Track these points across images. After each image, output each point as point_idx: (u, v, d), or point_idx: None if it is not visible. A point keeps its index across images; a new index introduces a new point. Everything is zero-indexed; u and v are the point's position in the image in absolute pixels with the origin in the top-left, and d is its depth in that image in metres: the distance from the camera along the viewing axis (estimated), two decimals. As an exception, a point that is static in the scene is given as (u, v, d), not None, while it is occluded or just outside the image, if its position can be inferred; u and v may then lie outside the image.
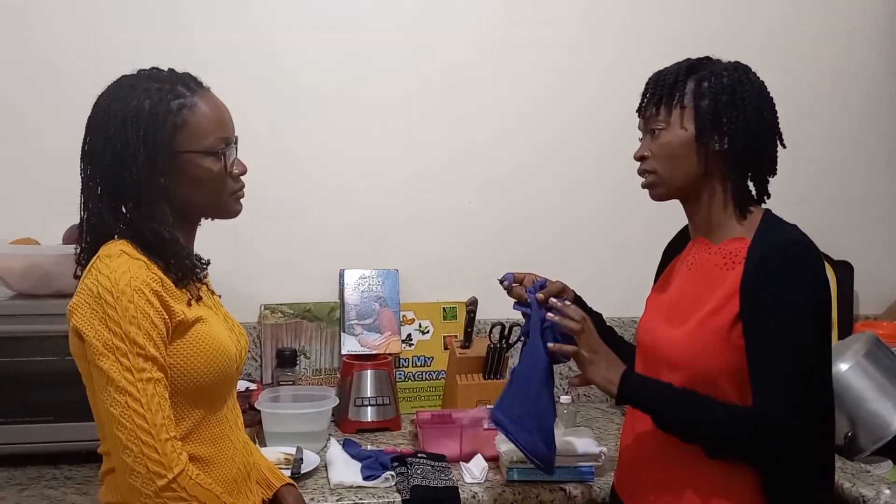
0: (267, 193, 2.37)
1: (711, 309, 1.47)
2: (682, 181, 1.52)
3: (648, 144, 1.54)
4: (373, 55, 2.48)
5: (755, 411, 1.39)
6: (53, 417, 1.92)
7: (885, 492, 1.77)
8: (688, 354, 1.48)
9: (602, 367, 1.50)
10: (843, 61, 2.74)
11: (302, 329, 2.45)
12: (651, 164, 1.54)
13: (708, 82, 1.49)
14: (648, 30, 2.59)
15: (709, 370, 1.45)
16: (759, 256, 1.42)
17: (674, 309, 1.57)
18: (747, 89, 1.49)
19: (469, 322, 2.38)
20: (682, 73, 1.51)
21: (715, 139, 1.48)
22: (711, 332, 1.45)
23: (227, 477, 1.38)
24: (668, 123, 1.50)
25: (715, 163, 1.49)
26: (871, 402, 1.98)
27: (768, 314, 1.40)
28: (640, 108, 1.57)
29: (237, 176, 1.42)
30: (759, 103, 1.49)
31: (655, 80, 1.55)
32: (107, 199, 1.34)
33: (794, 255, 1.43)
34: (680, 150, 1.50)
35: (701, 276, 1.54)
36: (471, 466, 1.94)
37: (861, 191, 2.79)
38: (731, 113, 1.47)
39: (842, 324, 2.61)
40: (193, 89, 1.37)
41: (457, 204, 2.56)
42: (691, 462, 1.49)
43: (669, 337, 1.53)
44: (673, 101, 1.50)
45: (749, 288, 1.42)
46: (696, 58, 1.55)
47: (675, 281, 1.61)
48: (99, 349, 1.24)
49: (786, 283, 1.40)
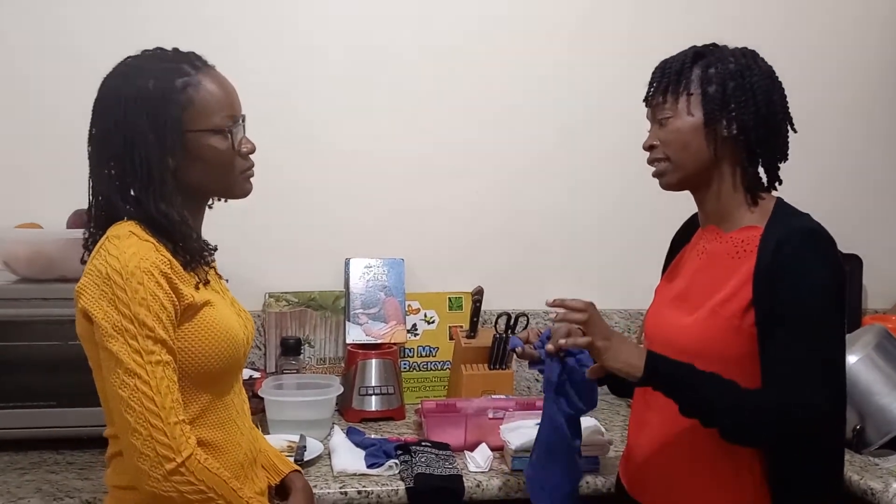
0: (273, 182, 2.33)
1: (724, 296, 1.45)
2: (692, 168, 1.50)
3: (657, 133, 1.53)
4: (382, 44, 2.46)
5: (794, 399, 1.35)
6: (56, 402, 1.91)
7: (894, 485, 1.75)
8: (700, 341, 1.46)
9: (621, 352, 1.43)
10: (856, 52, 2.72)
11: (307, 318, 2.44)
12: (661, 152, 1.52)
13: (715, 68, 1.48)
14: (658, 21, 2.57)
15: (720, 357, 1.43)
16: (774, 244, 1.41)
17: (684, 297, 1.55)
18: (755, 74, 1.47)
19: (474, 312, 2.37)
20: (688, 60, 1.50)
21: (724, 124, 1.46)
22: (725, 319, 1.44)
23: (234, 462, 1.37)
24: (676, 111, 1.49)
25: (725, 148, 1.48)
26: (880, 395, 1.97)
27: (790, 301, 1.38)
28: (647, 98, 1.55)
29: (246, 154, 1.40)
30: (768, 87, 1.48)
31: (662, 68, 1.54)
32: (115, 182, 1.32)
33: (811, 241, 1.41)
34: (689, 137, 1.48)
35: (712, 264, 1.52)
36: (475, 455, 1.93)
37: (871, 184, 2.77)
38: (740, 97, 1.46)
39: (850, 318, 2.58)
40: (198, 67, 1.36)
41: (464, 194, 2.54)
42: (700, 455, 1.48)
43: (680, 324, 1.52)
44: (679, 89, 1.49)
45: (763, 276, 1.41)
46: (702, 45, 1.53)
47: (685, 270, 1.60)
48: (108, 331, 1.23)
49: (806, 269, 1.39)
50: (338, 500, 1.77)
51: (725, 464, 1.46)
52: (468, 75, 2.52)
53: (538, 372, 1.65)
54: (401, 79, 2.48)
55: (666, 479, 1.54)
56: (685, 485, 1.51)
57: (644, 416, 1.59)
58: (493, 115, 2.54)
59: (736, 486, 1.46)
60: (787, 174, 1.55)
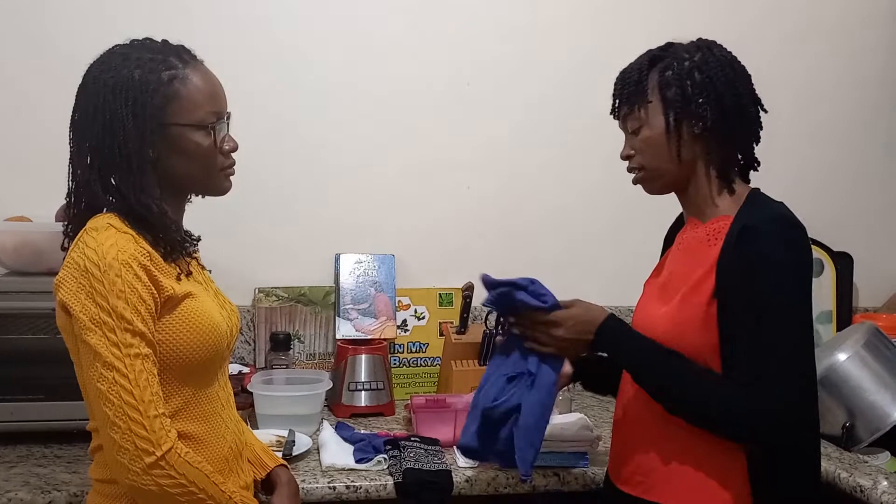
0: (263, 176, 2.36)
1: (693, 285, 1.46)
2: (670, 172, 1.52)
3: (631, 142, 1.55)
4: (373, 39, 2.46)
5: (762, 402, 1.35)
6: (44, 395, 1.90)
7: (883, 482, 1.75)
8: (673, 330, 1.47)
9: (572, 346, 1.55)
10: (850, 52, 2.72)
11: (296, 313, 2.43)
12: (637, 161, 1.54)
13: (671, 70, 1.48)
14: (643, 23, 2.55)
15: (693, 345, 1.44)
16: (738, 232, 1.41)
17: (664, 288, 1.57)
18: (713, 67, 1.47)
19: (465, 308, 2.36)
20: (644, 66, 1.51)
21: (691, 123, 1.47)
22: (694, 307, 1.45)
23: (217, 455, 1.36)
24: (643, 119, 1.50)
25: (696, 146, 1.49)
26: (870, 392, 1.97)
27: (754, 288, 1.37)
28: (613, 111, 1.57)
29: (227, 152, 1.39)
30: (728, 77, 1.47)
31: (621, 79, 1.55)
32: (96, 170, 1.31)
33: (776, 227, 1.40)
34: (659, 144, 1.50)
35: (688, 253, 1.54)
36: (464, 451, 1.92)
37: (863, 182, 2.76)
38: (702, 94, 1.45)
39: (841, 316, 2.59)
40: (186, 61, 1.36)
41: (454, 190, 2.54)
42: (682, 446, 1.48)
43: (657, 314, 1.53)
44: (640, 98, 1.50)
45: (726, 264, 1.41)
46: (656, 49, 1.53)
47: (667, 261, 1.62)
48: (86, 324, 1.22)
49: (768, 255, 1.38)
50: (326, 494, 1.76)
51: (708, 453, 1.45)
52: (459, 71, 2.51)
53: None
54: (392, 75, 2.48)
55: (648, 470, 1.53)
56: (667, 474, 1.50)
57: (628, 408, 1.60)
58: (485, 112, 2.54)
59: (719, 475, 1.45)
60: (779, 172, 1.55)
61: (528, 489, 1.84)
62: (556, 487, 1.85)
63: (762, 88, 1.52)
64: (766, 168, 1.56)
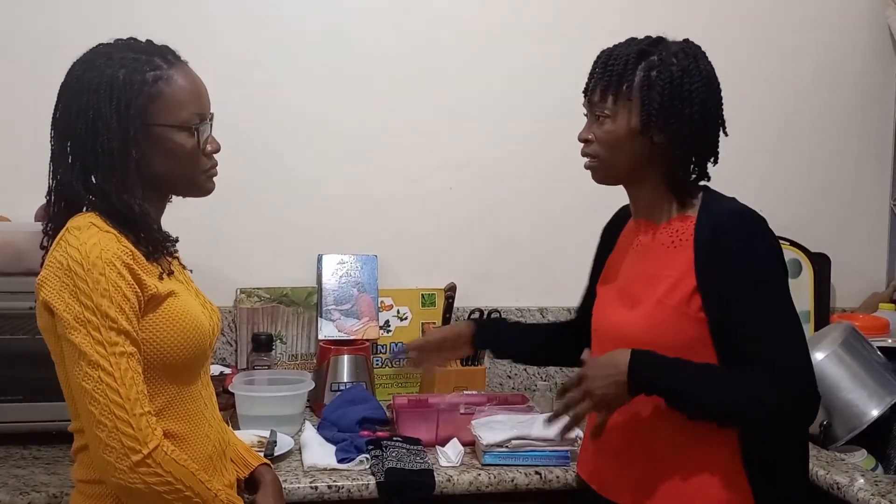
0: (245, 177, 2.35)
1: (668, 286, 1.48)
2: (623, 168, 1.53)
3: (592, 128, 1.54)
4: (355, 37, 2.46)
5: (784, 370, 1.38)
6: (23, 397, 1.89)
7: (859, 480, 1.77)
8: (649, 332, 1.48)
9: (607, 393, 1.45)
10: (828, 55, 2.75)
11: (279, 314, 2.42)
12: (594, 149, 1.54)
13: (657, 71, 1.46)
14: (637, 18, 2.58)
15: (670, 344, 1.45)
16: (709, 230, 1.44)
17: (625, 292, 1.57)
18: (695, 80, 1.47)
19: (447, 308, 2.37)
20: (631, 59, 1.48)
21: (657, 131, 1.47)
22: (672, 308, 1.46)
23: (202, 454, 1.36)
24: (614, 112, 1.49)
25: (657, 153, 1.49)
26: (847, 391, 1.99)
27: (740, 282, 1.41)
28: (587, 90, 1.55)
29: (210, 153, 1.40)
30: (704, 96, 1.47)
31: (605, 62, 1.51)
32: (77, 168, 1.31)
33: (745, 222, 1.45)
34: (622, 141, 1.50)
35: (649, 256, 1.55)
36: (446, 450, 1.93)
37: (840, 184, 2.79)
38: (676, 106, 1.45)
39: (818, 316, 2.61)
40: (171, 62, 1.36)
41: (438, 191, 2.54)
42: (675, 450, 1.49)
43: (626, 320, 1.53)
44: (620, 91, 1.48)
45: (704, 262, 1.44)
46: (646, 40, 1.51)
47: (623, 265, 1.62)
48: (70, 323, 1.22)
49: (746, 249, 1.42)
50: (308, 494, 1.76)
51: (696, 454, 1.47)
52: (442, 71, 2.52)
53: None
54: (374, 75, 2.48)
55: (636, 478, 1.54)
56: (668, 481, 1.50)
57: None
58: (468, 112, 2.54)
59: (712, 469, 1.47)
60: (757, 175, 1.57)
61: (511, 488, 1.85)
62: (537, 486, 1.86)
63: (738, 88, 1.53)
64: (743, 169, 1.58)
